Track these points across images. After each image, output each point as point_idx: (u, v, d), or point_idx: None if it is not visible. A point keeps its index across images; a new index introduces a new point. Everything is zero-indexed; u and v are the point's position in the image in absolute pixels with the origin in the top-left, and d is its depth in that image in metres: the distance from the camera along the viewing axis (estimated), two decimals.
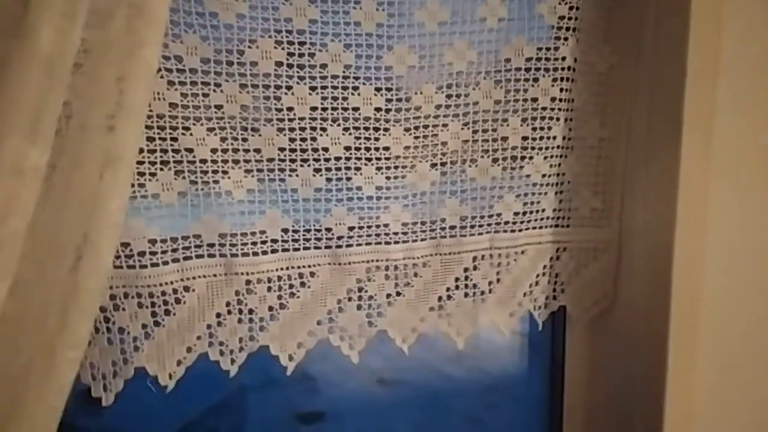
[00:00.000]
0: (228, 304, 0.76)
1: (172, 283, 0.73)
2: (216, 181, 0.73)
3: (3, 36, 0.46)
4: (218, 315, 0.76)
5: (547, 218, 0.90)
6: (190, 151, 0.72)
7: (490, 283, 0.88)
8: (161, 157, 0.71)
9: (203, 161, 0.72)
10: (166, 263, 0.72)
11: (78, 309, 0.52)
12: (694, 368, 0.85)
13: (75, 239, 0.52)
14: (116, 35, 0.52)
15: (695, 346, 0.84)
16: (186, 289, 0.74)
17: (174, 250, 0.73)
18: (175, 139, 0.71)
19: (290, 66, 0.74)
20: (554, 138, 0.88)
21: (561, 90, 0.86)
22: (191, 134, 0.71)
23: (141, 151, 0.69)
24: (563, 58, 0.85)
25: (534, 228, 0.90)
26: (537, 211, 0.89)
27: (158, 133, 0.70)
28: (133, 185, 0.69)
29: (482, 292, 0.88)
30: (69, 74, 0.47)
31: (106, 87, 0.53)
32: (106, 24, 0.51)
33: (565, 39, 0.85)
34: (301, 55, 0.74)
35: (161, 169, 0.71)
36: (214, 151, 0.73)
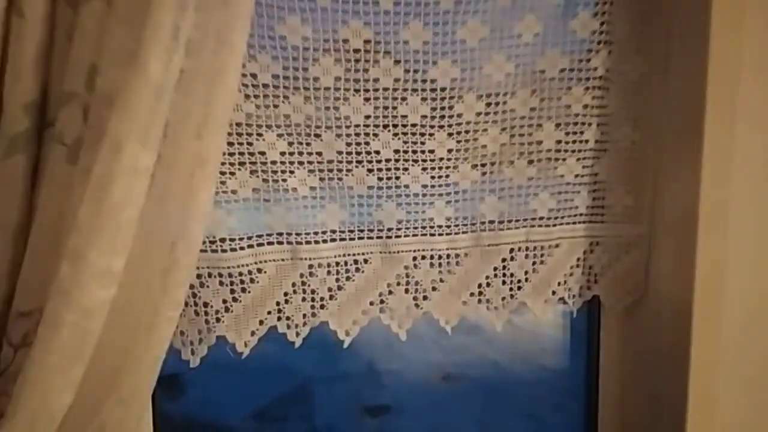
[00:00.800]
0: (293, 284, 0.88)
1: (247, 265, 0.85)
2: (284, 180, 0.86)
3: (120, 65, 0.59)
4: (285, 294, 0.88)
5: (581, 215, 0.98)
6: (263, 153, 0.84)
7: (526, 272, 0.97)
8: (239, 159, 0.84)
9: (273, 162, 0.85)
10: (242, 249, 0.85)
11: (175, 279, 0.65)
12: (716, 352, 0.91)
13: (173, 224, 0.65)
14: (205, 62, 0.64)
15: (718, 331, 0.91)
16: (259, 270, 0.86)
17: (249, 238, 0.86)
18: (250, 144, 0.84)
19: (347, 80, 0.86)
20: (587, 141, 0.96)
21: (593, 98, 0.94)
22: (264, 139, 0.84)
23: (222, 154, 0.82)
24: (595, 69, 0.93)
25: (568, 223, 0.98)
26: (570, 208, 0.97)
27: (236, 139, 0.83)
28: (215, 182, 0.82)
29: (519, 281, 0.97)
30: (171, 94, 0.60)
31: (196, 103, 0.66)
32: (198, 53, 0.64)
33: (597, 51, 0.93)
34: (356, 71, 0.86)
35: (239, 169, 0.84)
36: (282, 153, 0.85)
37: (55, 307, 0.59)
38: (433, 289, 0.94)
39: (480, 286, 0.96)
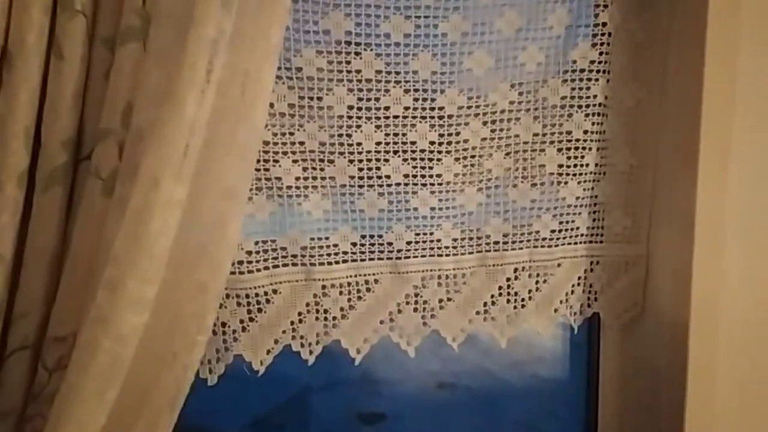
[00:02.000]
0: (307, 304, 0.91)
1: (263, 286, 0.89)
2: (299, 203, 0.89)
3: (156, 104, 0.63)
4: (299, 313, 0.91)
5: (582, 235, 1.02)
6: (279, 179, 0.88)
7: (529, 291, 1.01)
8: (256, 184, 0.87)
9: (289, 187, 0.88)
10: (258, 270, 0.88)
11: (203, 304, 0.68)
12: (713, 368, 0.95)
13: (202, 253, 0.68)
14: (233, 98, 0.68)
15: (715, 347, 0.95)
16: (274, 291, 0.89)
17: (265, 260, 0.89)
18: (267, 170, 0.87)
19: (359, 108, 0.89)
20: (587, 165, 1.00)
21: (593, 123, 0.98)
22: (280, 165, 0.87)
23: None
24: (594, 96, 0.98)
25: (569, 244, 1.02)
26: (572, 229, 1.01)
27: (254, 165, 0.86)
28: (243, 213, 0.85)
29: (522, 299, 1.01)
30: (204, 129, 0.64)
31: (225, 136, 0.69)
32: (228, 90, 0.67)
33: (596, 79, 0.97)
34: (368, 99, 0.90)
35: (256, 194, 0.87)
36: (297, 178, 0.89)
37: (92, 334, 0.62)
38: (441, 307, 0.98)
39: (485, 304, 0.99)
